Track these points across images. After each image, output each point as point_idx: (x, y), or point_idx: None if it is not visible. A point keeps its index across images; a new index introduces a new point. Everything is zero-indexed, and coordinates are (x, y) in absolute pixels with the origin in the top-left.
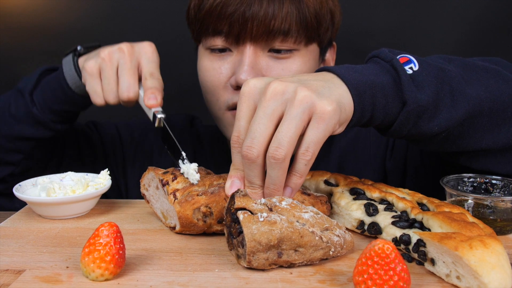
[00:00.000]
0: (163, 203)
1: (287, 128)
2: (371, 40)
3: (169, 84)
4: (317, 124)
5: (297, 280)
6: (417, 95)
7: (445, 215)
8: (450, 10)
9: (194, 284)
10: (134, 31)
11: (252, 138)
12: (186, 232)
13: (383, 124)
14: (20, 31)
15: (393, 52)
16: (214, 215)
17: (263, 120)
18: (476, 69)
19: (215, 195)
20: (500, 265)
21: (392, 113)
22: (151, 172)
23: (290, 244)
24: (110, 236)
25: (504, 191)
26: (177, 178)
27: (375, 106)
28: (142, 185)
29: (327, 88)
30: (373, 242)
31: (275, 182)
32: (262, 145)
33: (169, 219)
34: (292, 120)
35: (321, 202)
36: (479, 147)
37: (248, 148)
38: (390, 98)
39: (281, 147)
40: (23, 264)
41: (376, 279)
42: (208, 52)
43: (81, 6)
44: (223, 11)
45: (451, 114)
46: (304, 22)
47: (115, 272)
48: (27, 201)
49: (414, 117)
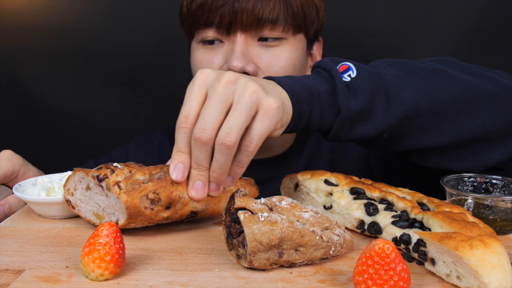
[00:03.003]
0: (99, 201)
1: (238, 116)
2: (371, 40)
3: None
4: (262, 119)
5: (297, 280)
6: (351, 102)
7: (445, 214)
8: (449, 10)
9: (194, 284)
10: (134, 31)
11: (206, 121)
12: (131, 226)
13: (321, 130)
14: (20, 31)
15: (334, 61)
16: (162, 201)
17: (216, 104)
18: (417, 70)
19: (161, 180)
20: (500, 265)
21: (328, 119)
22: (78, 173)
23: (291, 244)
24: (110, 236)
25: (504, 191)
26: (115, 171)
27: (311, 113)
28: (66, 190)
29: (273, 89)
30: (373, 242)
31: (222, 167)
32: (215, 129)
33: (106, 217)
34: (243, 110)
35: (251, 184)
36: (424, 146)
37: (201, 131)
38: (326, 105)
39: (232, 133)
40: (22, 263)
41: (376, 279)
42: (200, 45)
43: (81, 6)
44: (214, 4)
45: (386, 116)
46: (291, 11)
47: (115, 272)
48: (27, 201)
49: (349, 122)
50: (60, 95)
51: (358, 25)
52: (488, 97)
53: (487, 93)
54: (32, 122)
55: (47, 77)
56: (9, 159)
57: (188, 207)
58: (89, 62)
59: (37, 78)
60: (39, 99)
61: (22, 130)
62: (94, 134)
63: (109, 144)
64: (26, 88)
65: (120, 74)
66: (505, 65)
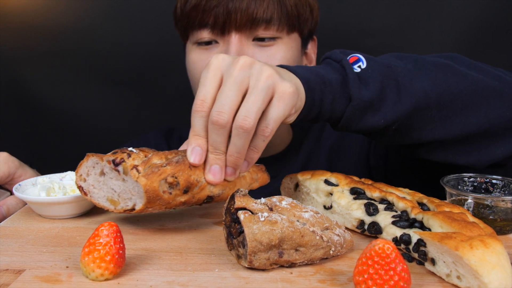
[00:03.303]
0: (114, 187)
1: (255, 99)
2: (371, 40)
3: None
4: (278, 103)
5: (297, 280)
6: (362, 92)
7: (446, 214)
8: (449, 10)
9: (194, 284)
10: (134, 31)
11: (223, 104)
12: (148, 211)
13: (332, 119)
14: (20, 31)
15: (344, 53)
16: (180, 184)
17: (233, 88)
18: (425, 64)
19: (180, 164)
20: (500, 265)
21: (339, 109)
22: (91, 158)
23: (291, 244)
24: (110, 236)
25: (505, 191)
26: (131, 155)
27: (323, 101)
28: (79, 176)
29: (287, 75)
30: (373, 242)
31: (240, 151)
32: (232, 112)
33: (122, 203)
34: (259, 94)
35: (262, 170)
36: (432, 139)
37: (218, 114)
38: (337, 94)
39: (250, 117)
40: (23, 264)
41: (376, 279)
42: (195, 47)
43: (81, 6)
44: (208, 5)
45: (396, 107)
46: (285, 10)
47: (115, 272)
48: (27, 201)
49: (360, 112)
50: (60, 95)
51: (358, 25)
52: (494, 93)
53: (493, 88)
54: (32, 122)
55: (47, 77)
56: (5, 161)
57: (205, 192)
58: (89, 62)
59: (37, 78)
60: (39, 99)
61: (22, 130)
62: (94, 134)
63: (109, 144)
64: (26, 88)
65: (120, 74)
66: (505, 65)
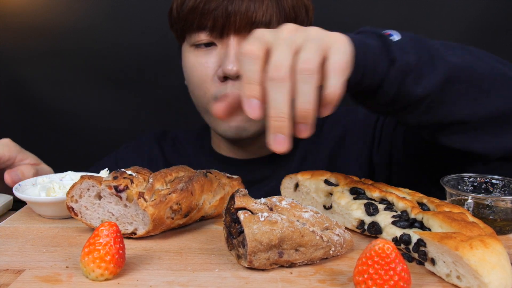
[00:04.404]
0: (112, 210)
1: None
2: None
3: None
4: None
5: (297, 280)
6: (404, 56)
7: (446, 214)
8: (449, 10)
9: (194, 284)
10: (134, 31)
11: (278, 59)
12: (149, 234)
13: (372, 85)
14: (20, 31)
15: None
16: (182, 210)
17: (284, 47)
18: (453, 45)
19: (184, 191)
20: (500, 265)
21: (381, 71)
22: (87, 181)
23: (291, 244)
24: (110, 236)
25: (505, 190)
26: (134, 181)
27: (366, 66)
28: (70, 197)
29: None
30: (373, 242)
31: (310, 100)
32: (288, 66)
33: (120, 226)
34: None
35: (239, 183)
36: (458, 118)
37: (276, 68)
38: (378, 57)
39: (310, 58)
40: (22, 263)
41: (376, 279)
42: (193, 49)
43: (81, 6)
44: (206, 7)
45: (432, 77)
46: (283, 13)
47: (115, 272)
48: (27, 201)
49: (401, 76)
50: (60, 95)
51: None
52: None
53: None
54: (32, 122)
55: (47, 77)
56: (6, 145)
57: (200, 213)
58: (89, 62)
59: (37, 78)
60: (39, 99)
61: (22, 130)
62: (94, 134)
63: (109, 144)
64: (26, 88)
65: (120, 74)
66: None
